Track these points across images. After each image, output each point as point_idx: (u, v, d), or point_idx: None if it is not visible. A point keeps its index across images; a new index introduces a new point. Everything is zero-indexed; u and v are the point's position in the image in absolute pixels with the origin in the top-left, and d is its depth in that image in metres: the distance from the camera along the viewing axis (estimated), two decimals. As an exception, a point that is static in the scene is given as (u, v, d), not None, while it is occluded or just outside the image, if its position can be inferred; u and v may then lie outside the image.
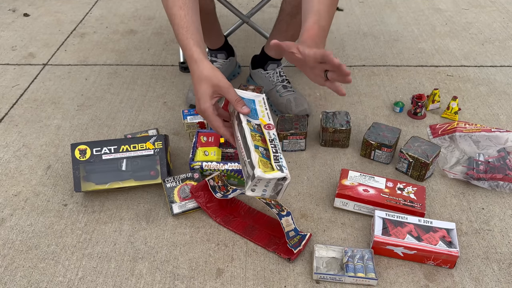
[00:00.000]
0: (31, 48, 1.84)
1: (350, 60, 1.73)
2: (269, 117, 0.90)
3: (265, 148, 0.84)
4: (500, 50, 1.79)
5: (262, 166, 0.80)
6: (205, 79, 0.90)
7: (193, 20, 0.94)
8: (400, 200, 1.07)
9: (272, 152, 0.84)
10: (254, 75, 1.51)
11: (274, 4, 2.02)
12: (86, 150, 1.14)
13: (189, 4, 0.95)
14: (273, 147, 0.85)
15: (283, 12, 1.32)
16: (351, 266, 0.95)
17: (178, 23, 0.94)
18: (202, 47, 0.94)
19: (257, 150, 0.83)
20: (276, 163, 0.82)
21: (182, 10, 0.94)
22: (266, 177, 0.79)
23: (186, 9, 0.94)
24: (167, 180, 1.12)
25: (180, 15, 0.94)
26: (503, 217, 1.10)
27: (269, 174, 0.79)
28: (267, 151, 0.84)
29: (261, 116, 0.90)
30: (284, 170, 0.81)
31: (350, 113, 1.44)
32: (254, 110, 0.91)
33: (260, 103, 0.93)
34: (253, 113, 0.90)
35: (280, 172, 0.80)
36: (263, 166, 0.80)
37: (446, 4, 2.17)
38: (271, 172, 0.80)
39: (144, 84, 1.61)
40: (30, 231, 1.08)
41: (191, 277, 0.97)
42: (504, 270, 0.98)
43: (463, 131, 1.29)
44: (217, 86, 0.89)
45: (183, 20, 0.93)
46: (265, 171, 0.79)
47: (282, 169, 0.81)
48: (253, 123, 0.88)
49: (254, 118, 0.89)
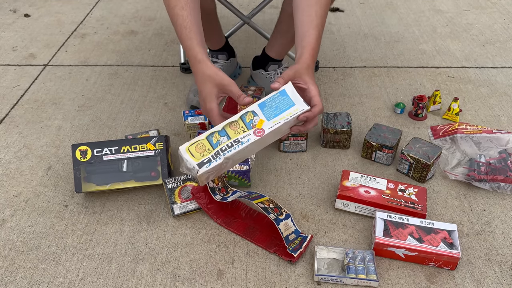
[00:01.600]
0: (32, 49, 1.84)
1: (351, 61, 1.73)
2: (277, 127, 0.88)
3: (229, 139, 0.86)
4: (501, 51, 1.79)
5: (196, 148, 0.85)
6: (209, 79, 0.90)
7: (195, 21, 0.94)
8: (401, 201, 1.07)
9: (221, 150, 0.85)
10: (255, 76, 1.51)
11: (275, 5, 2.02)
12: (87, 151, 1.14)
13: (191, 4, 0.95)
14: (228, 148, 0.86)
15: (284, 13, 1.32)
16: (352, 268, 0.95)
17: (181, 24, 0.94)
18: (205, 48, 0.94)
19: (216, 134, 0.86)
20: (209, 157, 0.85)
21: (185, 10, 0.94)
22: (182, 154, 0.84)
23: (188, 10, 0.94)
24: (168, 181, 1.12)
25: (183, 15, 0.93)
26: (505, 218, 1.10)
27: (187, 155, 0.84)
28: (226, 143, 0.86)
29: (274, 120, 0.88)
30: (203, 167, 0.84)
31: (351, 114, 1.44)
32: (278, 110, 0.88)
33: (292, 112, 0.89)
34: (274, 110, 0.88)
35: (197, 163, 0.84)
36: (197, 150, 0.85)
37: (447, 5, 2.17)
38: (191, 157, 0.84)
39: (144, 85, 1.61)
40: (30, 232, 1.08)
41: (192, 278, 0.97)
42: (506, 271, 0.98)
43: (464, 132, 1.29)
44: (221, 85, 0.90)
45: (185, 21, 0.93)
46: (189, 149, 0.84)
47: (203, 164, 0.84)
48: (253, 118, 0.88)
49: (269, 115, 0.88)
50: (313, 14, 0.96)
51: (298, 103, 0.88)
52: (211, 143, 0.86)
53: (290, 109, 0.88)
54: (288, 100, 0.88)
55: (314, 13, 0.96)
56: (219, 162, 0.85)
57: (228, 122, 0.88)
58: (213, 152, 0.86)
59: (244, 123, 0.88)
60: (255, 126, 0.88)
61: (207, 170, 0.85)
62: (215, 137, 0.87)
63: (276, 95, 0.89)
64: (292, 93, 0.89)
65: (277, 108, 0.88)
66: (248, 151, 0.90)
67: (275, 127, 0.87)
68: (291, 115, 0.87)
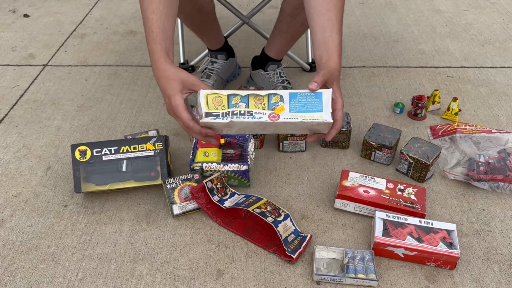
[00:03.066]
0: (31, 49, 1.84)
1: (350, 61, 1.73)
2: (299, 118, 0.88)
3: (246, 107, 0.87)
4: (500, 51, 1.79)
5: (213, 99, 0.87)
6: (172, 77, 0.90)
7: (164, 26, 0.94)
8: (401, 201, 1.07)
9: (232, 113, 0.87)
10: (255, 76, 1.51)
11: (275, 5, 2.02)
12: (86, 151, 1.14)
13: (163, 10, 0.94)
14: (240, 114, 0.87)
15: (283, 13, 1.32)
16: (352, 267, 0.95)
17: (149, 27, 0.94)
18: (169, 53, 0.94)
19: (238, 97, 0.88)
20: (219, 112, 0.87)
21: (155, 14, 0.94)
22: (199, 97, 0.87)
23: (158, 14, 0.94)
24: (167, 181, 1.12)
25: (152, 19, 0.94)
26: (504, 218, 1.10)
27: (203, 100, 0.87)
28: (240, 109, 0.87)
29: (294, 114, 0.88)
30: (209, 117, 0.86)
31: (351, 114, 1.44)
32: (304, 108, 0.88)
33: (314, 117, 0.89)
34: (300, 106, 0.88)
35: (205, 111, 0.87)
36: (214, 101, 0.87)
37: (446, 5, 2.17)
38: (205, 104, 0.87)
39: (144, 85, 1.61)
40: (30, 232, 1.08)
41: (192, 278, 0.97)
42: (505, 271, 0.98)
43: (463, 132, 1.29)
44: (186, 82, 0.90)
45: (154, 25, 0.94)
46: (207, 96, 0.87)
47: (210, 115, 0.86)
48: (278, 102, 0.88)
49: (293, 108, 0.88)
50: (333, 19, 0.96)
51: (325, 112, 0.87)
52: (229, 101, 0.87)
53: (315, 113, 0.87)
54: (319, 104, 0.87)
55: (334, 18, 0.96)
56: (223, 122, 0.86)
57: (255, 94, 0.88)
58: (225, 110, 0.87)
59: (268, 102, 0.88)
60: (274, 109, 0.87)
61: (209, 122, 0.87)
62: (235, 99, 0.88)
63: (311, 94, 0.88)
64: (326, 100, 0.88)
65: (304, 106, 0.88)
66: (256, 128, 0.90)
67: (291, 120, 0.87)
68: (312, 118, 0.87)
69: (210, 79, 1.49)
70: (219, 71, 1.51)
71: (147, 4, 0.95)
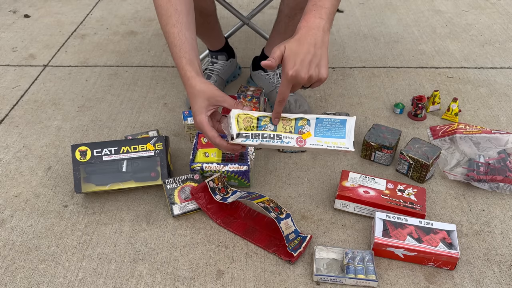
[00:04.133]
0: (32, 49, 1.85)
1: (351, 62, 1.73)
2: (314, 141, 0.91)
3: (274, 131, 0.90)
4: (500, 51, 1.79)
5: (244, 119, 0.90)
6: (198, 94, 0.91)
7: (186, 37, 0.95)
8: (401, 201, 1.07)
9: (262, 136, 0.90)
10: (255, 76, 1.52)
11: (275, 5, 2.01)
12: (86, 151, 1.14)
13: (182, 20, 0.95)
14: (269, 138, 0.90)
15: (281, 14, 1.32)
16: (352, 268, 0.95)
17: (172, 42, 0.95)
18: (195, 64, 0.95)
19: (267, 119, 0.90)
20: (249, 134, 0.89)
21: (175, 27, 0.95)
22: (231, 118, 0.89)
23: (179, 26, 0.95)
24: (167, 181, 1.12)
25: (173, 33, 0.95)
26: (504, 218, 1.10)
27: (234, 121, 0.89)
28: (269, 132, 0.90)
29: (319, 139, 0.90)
30: (240, 139, 0.89)
31: (351, 114, 1.44)
32: (328, 133, 0.91)
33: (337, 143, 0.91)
34: (325, 131, 0.91)
35: (236, 133, 0.89)
36: (244, 121, 0.90)
37: (446, 6, 2.17)
38: (236, 124, 0.89)
39: (144, 86, 1.61)
40: (30, 232, 1.08)
41: (192, 278, 0.97)
42: (505, 271, 0.98)
43: (463, 132, 1.30)
44: (212, 98, 0.91)
45: (176, 39, 0.94)
46: (239, 116, 0.89)
47: (241, 136, 0.89)
48: (305, 126, 0.91)
49: (318, 132, 0.91)
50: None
51: (348, 139, 0.90)
52: (259, 123, 0.90)
53: (338, 139, 0.90)
54: (342, 131, 0.91)
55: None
56: (253, 143, 0.89)
57: (283, 117, 0.91)
58: (255, 131, 0.90)
59: (295, 125, 0.91)
60: (301, 133, 0.91)
61: (239, 143, 0.89)
62: (264, 121, 0.90)
63: (336, 120, 0.92)
64: (349, 128, 0.91)
65: (329, 131, 0.91)
66: (281, 147, 0.93)
67: (316, 147, 0.90)
68: (335, 145, 0.90)
69: (210, 80, 1.49)
70: (219, 71, 1.51)
71: (166, 18, 0.96)
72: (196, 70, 0.94)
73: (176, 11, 0.95)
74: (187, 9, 0.97)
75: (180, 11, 0.95)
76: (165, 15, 0.96)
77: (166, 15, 0.95)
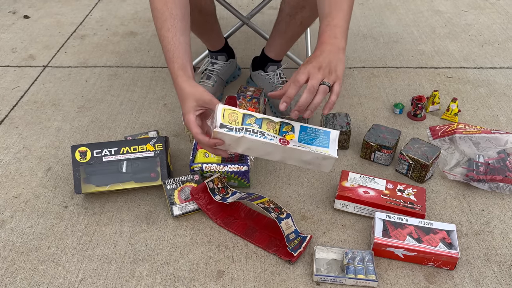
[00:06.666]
0: (31, 50, 1.85)
1: (350, 62, 1.73)
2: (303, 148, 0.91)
3: (259, 128, 0.91)
4: (500, 51, 1.79)
5: (229, 114, 0.90)
6: (187, 96, 0.94)
7: (180, 42, 0.96)
8: (400, 201, 1.07)
9: (246, 130, 0.90)
10: (254, 76, 1.52)
11: (274, 5, 2.02)
12: (86, 152, 1.14)
13: (177, 24, 0.97)
14: (253, 132, 0.90)
15: (282, 13, 1.32)
16: (352, 268, 0.95)
17: (165, 46, 0.97)
18: (187, 69, 0.96)
19: (252, 118, 0.91)
20: (233, 127, 0.89)
21: (170, 32, 0.96)
22: (217, 110, 0.89)
23: (173, 31, 0.96)
24: (167, 182, 1.12)
25: (168, 37, 0.96)
26: (503, 218, 1.10)
27: (220, 113, 0.89)
28: (253, 128, 0.90)
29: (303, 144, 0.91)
30: (223, 129, 0.88)
31: (350, 114, 1.44)
32: (312, 141, 0.92)
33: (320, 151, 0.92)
34: (309, 139, 0.92)
35: (220, 122, 0.89)
36: (230, 116, 0.90)
37: (445, 6, 2.17)
38: (221, 116, 0.89)
39: (144, 86, 1.61)
40: (30, 233, 1.08)
41: (192, 279, 0.97)
42: (505, 271, 0.98)
43: (463, 132, 1.30)
44: (200, 100, 0.93)
45: (170, 43, 0.96)
46: (225, 110, 0.89)
47: (224, 126, 0.88)
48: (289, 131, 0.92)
49: (302, 139, 0.92)
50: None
51: (331, 149, 0.92)
52: (244, 120, 0.91)
53: (321, 148, 0.91)
54: (326, 141, 0.92)
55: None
56: (236, 136, 0.89)
57: (269, 119, 0.92)
58: (239, 126, 0.90)
59: (280, 129, 0.92)
60: (285, 136, 0.91)
61: (222, 133, 0.89)
62: (250, 120, 0.91)
63: (321, 131, 0.93)
64: (333, 139, 0.93)
65: (312, 139, 0.92)
66: (261, 150, 0.92)
67: (299, 149, 0.90)
68: (318, 151, 0.90)
69: (210, 80, 1.49)
70: (219, 72, 1.51)
71: (161, 22, 0.98)
72: (188, 75, 0.96)
73: (172, 15, 0.97)
74: (182, 13, 0.99)
75: (175, 15, 0.97)
76: (161, 19, 0.97)
77: (162, 19, 0.97)
